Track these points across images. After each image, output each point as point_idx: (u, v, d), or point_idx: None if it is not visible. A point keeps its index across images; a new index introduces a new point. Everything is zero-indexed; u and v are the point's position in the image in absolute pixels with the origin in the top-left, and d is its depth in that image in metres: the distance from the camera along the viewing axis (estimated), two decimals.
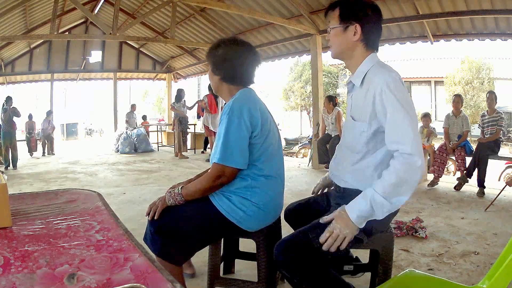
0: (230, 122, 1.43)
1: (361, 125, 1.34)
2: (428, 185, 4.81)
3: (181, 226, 1.48)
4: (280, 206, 1.62)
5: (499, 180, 6.04)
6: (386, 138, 1.26)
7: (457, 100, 5.03)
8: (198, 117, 8.29)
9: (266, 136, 1.51)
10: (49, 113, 9.96)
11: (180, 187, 1.52)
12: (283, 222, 1.72)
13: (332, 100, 6.20)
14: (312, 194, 1.74)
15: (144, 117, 11.13)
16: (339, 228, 1.21)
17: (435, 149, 5.04)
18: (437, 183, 4.83)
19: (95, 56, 11.55)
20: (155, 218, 1.48)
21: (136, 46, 12.11)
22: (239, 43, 1.60)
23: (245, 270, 2.19)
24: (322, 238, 1.22)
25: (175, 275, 1.48)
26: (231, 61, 1.54)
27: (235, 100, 1.49)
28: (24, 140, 9.51)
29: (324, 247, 1.21)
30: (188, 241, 1.51)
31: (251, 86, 1.65)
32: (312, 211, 1.57)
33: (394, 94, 1.24)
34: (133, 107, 10.88)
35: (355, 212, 1.21)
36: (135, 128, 10.09)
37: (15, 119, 7.41)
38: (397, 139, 1.22)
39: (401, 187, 1.19)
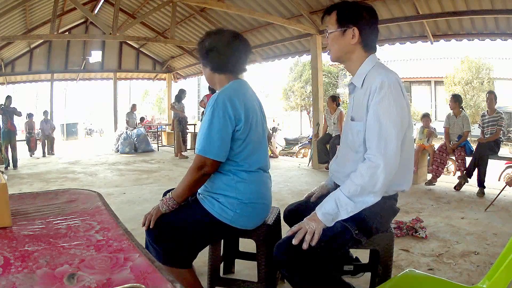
0: (214, 114, 1.43)
1: (357, 125, 1.38)
2: (425, 183, 4.81)
3: (177, 233, 1.47)
4: (267, 198, 1.60)
5: (499, 180, 6.03)
6: (365, 135, 1.33)
7: (452, 100, 5.03)
8: None
9: (248, 132, 1.50)
10: (45, 113, 9.96)
11: (170, 192, 1.52)
12: (283, 222, 1.72)
13: (335, 100, 6.22)
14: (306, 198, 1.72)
15: (141, 119, 11.11)
16: (306, 222, 1.28)
17: (435, 149, 5.04)
18: (435, 183, 4.83)
19: (95, 56, 11.55)
20: (151, 226, 1.47)
21: (136, 46, 12.11)
22: (224, 32, 1.58)
23: (245, 270, 2.19)
24: (289, 232, 1.30)
25: (188, 277, 1.48)
26: (217, 50, 1.53)
27: (221, 92, 1.49)
28: (24, 140, 9.51)
29: (294, 241, 1.24)
30: (188, 245, 1.50)
31: (246, 79, 1.65)
32: (311, 212, 1.57)
33: (381, 96, 1.27)
34: (133, 107, 10.90)
35: (321, 210, 1.29)
36: (135, 128, 10.09)
37: (15, 120, 7.40)
38: (368, 139, 1.30)
39: (365, 189, 1.26)
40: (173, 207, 1.49)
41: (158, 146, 10.18)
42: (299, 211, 1.65)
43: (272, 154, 7.97)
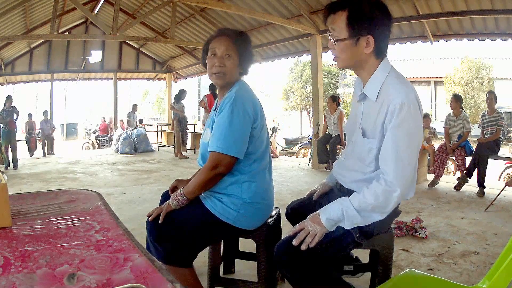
0: (233, 112, 1.42)
1: (370, 142, 1.30)
2: (428, 185, 4.81)
3: (179, 232, 1.47)
4: (270, 198, 1.62)
5: (499, 180, 6.04)
6: (379, 156, 1.26)
7: (453, 100, 5.03)
8: None
9: (261, 130, 1.53)
10: (45, 113, 9.97)
11: (182, 187, 1.52)
12: (283, 222, 1.72)
13: (335, 100, 6.23)
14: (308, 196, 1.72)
15: (140, 121, 11.10)
16: (309, 224, 1.26)
17: (435, 149, 5.04)
18: (437, 183, 4.83)
19: (95, 56, 11.54)
20: (160, 221, 1.46)
21: (136, 46, 12.10)
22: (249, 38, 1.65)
23: (245, 270, 2.19)
24: (291, 232, 1.28)
25: (188, 277, 1.48)
26: (253, 58, 1.62)
27: (238, 90, 1.50)
28: (24, 140, 9.51)
29: (295, 242, 1.23)
30: (189, 245, 1.50)
31: (246, 79, 1.67)
32: (313, 210, 1.56)
33: (401, 119, 1.19)
34: (134, 107, 10.91)
35: (325, 215, 1.27)
36: (135, 128, 10.10)
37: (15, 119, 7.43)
38: (384, 162, 1.24)
39: (376, 208, 1.24)
40: (183, 203, 1.48)
41: (158, 146, 10.18)
42: (302, 209, 1.64)
43: (272, 154, 7.97)
